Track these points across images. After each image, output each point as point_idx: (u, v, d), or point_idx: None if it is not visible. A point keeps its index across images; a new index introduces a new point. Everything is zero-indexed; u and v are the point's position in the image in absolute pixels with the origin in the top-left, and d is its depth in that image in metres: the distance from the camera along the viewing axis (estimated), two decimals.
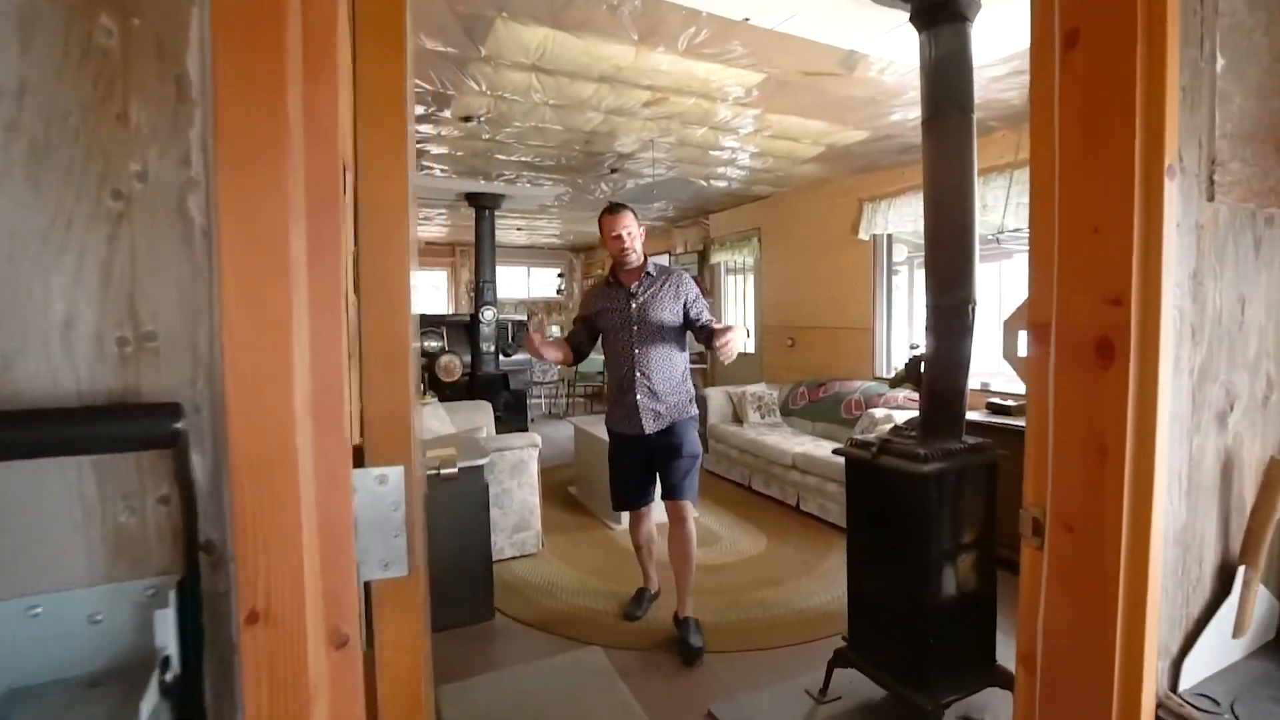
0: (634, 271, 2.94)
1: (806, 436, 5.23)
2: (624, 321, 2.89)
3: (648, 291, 2.90)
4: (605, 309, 2.96)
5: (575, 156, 4.89)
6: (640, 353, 2.87)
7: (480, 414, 5.39)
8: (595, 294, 3.09)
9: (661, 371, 2.90)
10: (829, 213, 5.79)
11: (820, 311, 6.00)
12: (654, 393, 2.89)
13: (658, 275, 2.95)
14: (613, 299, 2.96)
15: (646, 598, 3.32)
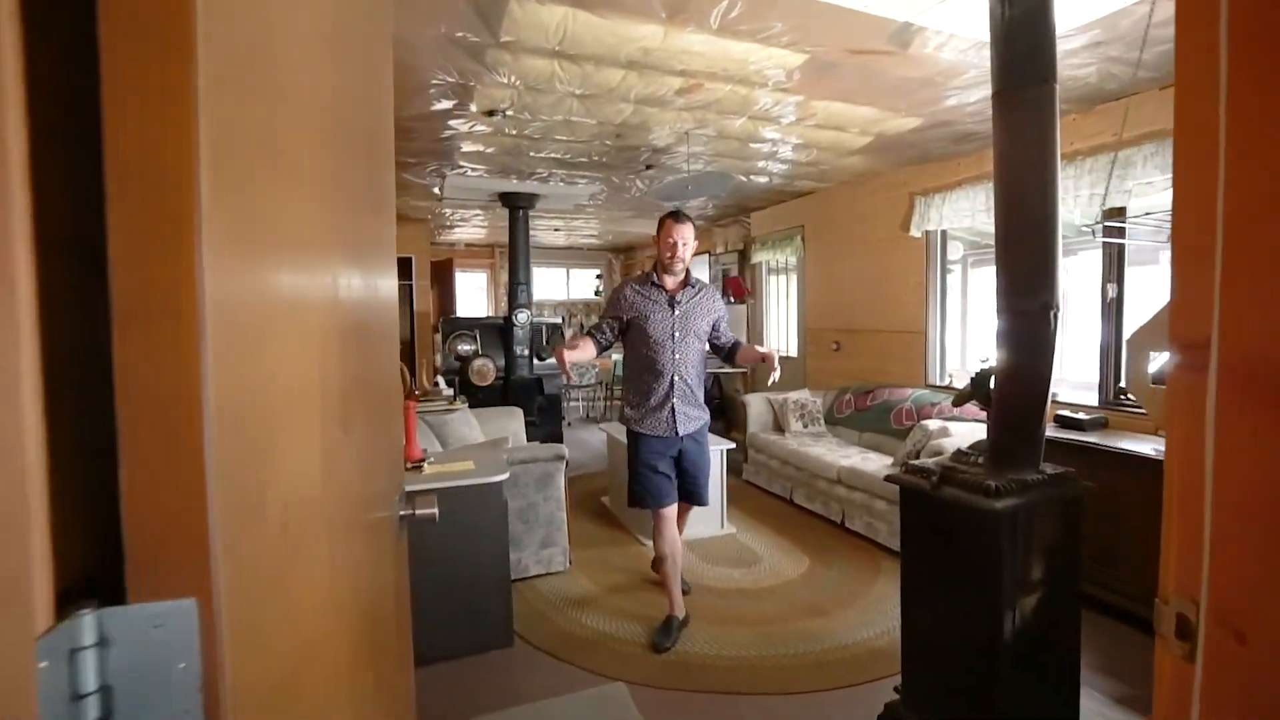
0: (678, 279, 3.06)
1: (853, 448, 4.90)
2: (667, 328, 2.98)
3: (690, 301, 3.04)
4: (647, 312, 2.99)
5: (608, 152, 4.65)
6: (680, 358, 3.00)
7: (511, 420, 5.21)
8: (630, 293, 3.06)
9: (695, 378, 3.07)
10: (877, 208, 5.43)
11: (868, 313, 5.64)
12: (686, 399, 3.03)
13: (698, 288, 3.10)
14: (654, 301, 3.01)
15: (675, 626, 3.06)
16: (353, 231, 0.98)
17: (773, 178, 5.58)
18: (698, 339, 3.05)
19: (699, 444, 3.14)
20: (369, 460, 1.02)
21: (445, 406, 5.21)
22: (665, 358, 2.97)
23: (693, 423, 3.07)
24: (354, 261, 0.97)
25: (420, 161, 5.02)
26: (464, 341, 6.59)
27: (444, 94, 3.46)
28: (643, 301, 3.01)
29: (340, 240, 0.91)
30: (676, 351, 2.98)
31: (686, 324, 3.01)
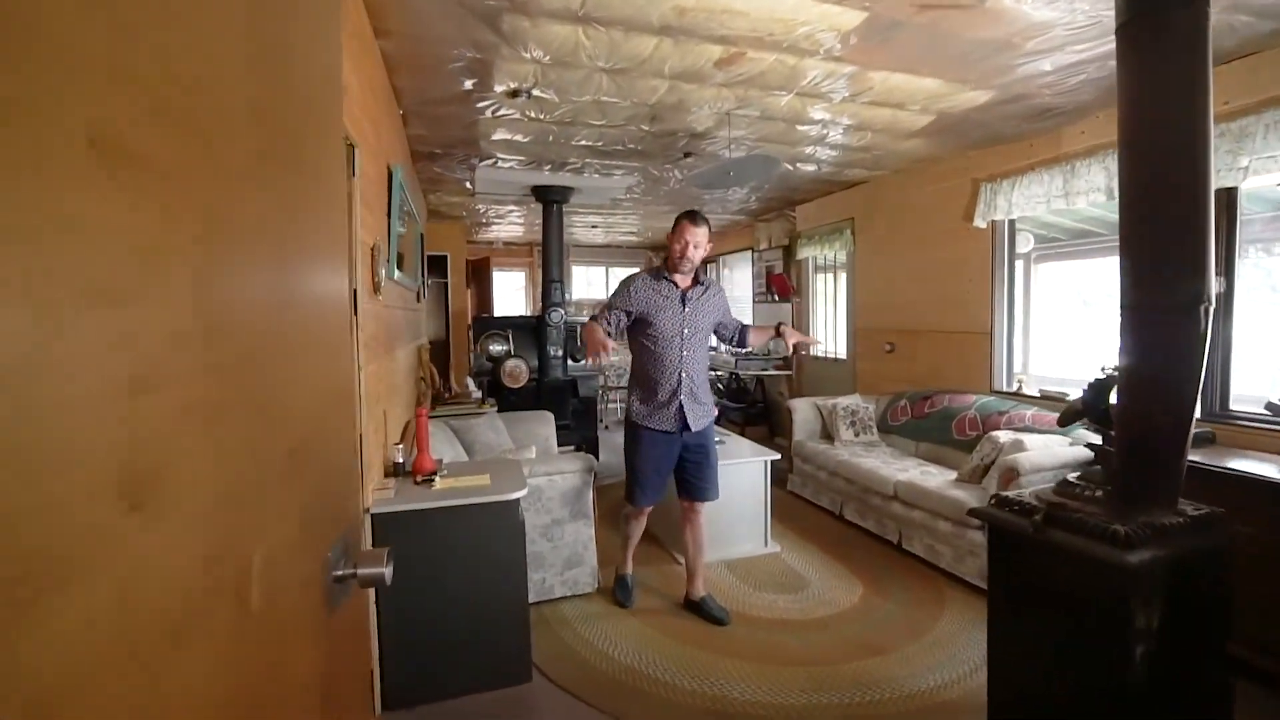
0: (687, 279, 3.10)
1: (910, 460, 4.46)
2: (676, 325, 3.03)
3: (699, 300, 3.10)
4: (657, 308, 3.03)
5: (643, 138, 4.32)
6: (688, 355, 3.06)
7: (541, 425, 4.93)
8: (641, 286, 3.08)
9: (701, 375, 3.14)
10: (937, 197, 4.98)
11: (925, 313, 5.19)
12: (695, 394, 3.09)
13: (707, 286, 3.17)
14: (666, 297, 3.05)
15: (632, 583, 3.46)
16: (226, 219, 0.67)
17: (821, 166, 5.17)
18: (705, 336, 3.15)
19: (704, 440, 3.17)
20: (249, 520, 0.71)
21: (473, 410, 4.96)
22: (674, 354, 3.03)
23: (700, 419, 3.11)
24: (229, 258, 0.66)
25: (448, 152, 4.77)
26: (496, 342, 6.34)
27: (462, 72, 3.18)
28: (654, 297, 3.04)
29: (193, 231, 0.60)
30: (685, 349, 3.04)
31: (695, 321, 3.07)
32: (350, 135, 2.26)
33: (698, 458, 3.16)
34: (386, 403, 3.07)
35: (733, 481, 3.99)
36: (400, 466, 2.87)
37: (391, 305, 3.40)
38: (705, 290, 3.14)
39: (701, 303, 3.10)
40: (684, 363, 3.04)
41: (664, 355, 3.03)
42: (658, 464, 3.13)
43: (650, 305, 3.02)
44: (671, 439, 3.09)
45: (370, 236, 2.62)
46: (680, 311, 3.04)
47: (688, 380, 3.05)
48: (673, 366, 3.03)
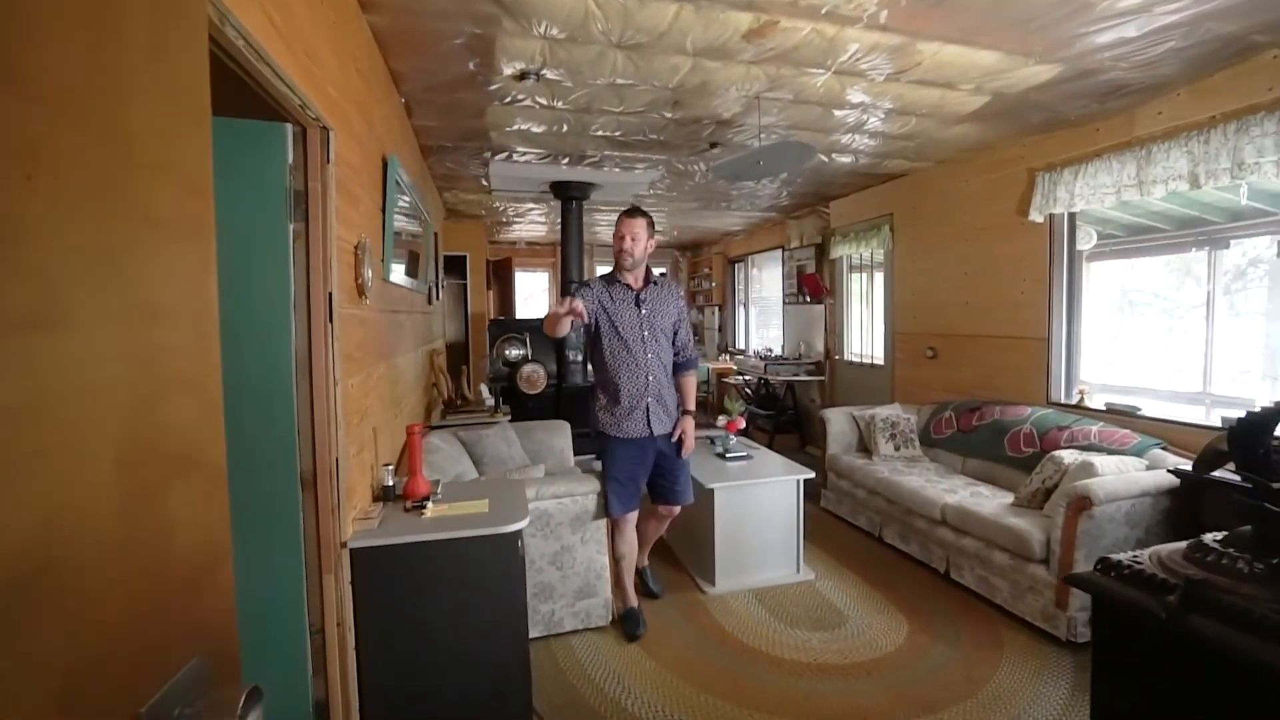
0: (638, 276, 3.06)
1: (957, 479, 4.06)
2: (633, 326, 2.99)
3: (655, 300, 3.06)
4: (615, 312, 2.99)
5: (665, 127, 3.99)
6: (652, 357, 3.01)
7: (555, 436, 4.63)
8: (597, 288, 3.06)
9: (666, 377, 3.09)
10: (987, 189, 4.56)
11: (972, 316, 4.77)
12: (659, 398, 3.05)
13: (661, 285, 3.12)
14: (622, 300, 3.01)
15: (641, 616, 3.19)
16: None
17: (858, 156, 4.78)
18: (666, 338, 3.09)
19: (675, 445, 3.12)
20: None
21: (485, 419, 4.68)
22: (638, 357, 2.99)
23: (664, 423, 3.07)
24: None
25: (459, 145, 4.50)
26: (513, 346, 6.07)
27: (463, 52, 2.88)
28: (606, 298, 3.01)
29: None
30: (648, 350, 3.01)
31: (654, 322, 3.03)
32: (323, 117, 1.98)
33: (670, 464, 3.12)
34: (379, 417, 2.79)
35: (761, 503, 3.64)
36: (390, 490, 2.58)
37: (389, 309, 3.12)
38: (659, 289, 3.11)
39: (658, 303, 3.07)
40: (650, 365, 3.01)
41: (628, 359, 3.00)
42: (631, 471, 3.07)
43: (606, 308, 2.99)
44: (643, 444, 3.05)
45: (353, 233, 2.33)
46: (638, 314, 3.01)
47: (654, 383, 3.02)
48: (638, 369, 3.00)
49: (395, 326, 3.34)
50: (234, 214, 1.91)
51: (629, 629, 3.11)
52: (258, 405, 1.98)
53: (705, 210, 7.32)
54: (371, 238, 2.65)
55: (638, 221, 3.01)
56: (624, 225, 3.02)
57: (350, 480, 2.24)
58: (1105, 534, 2.81)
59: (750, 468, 3.86)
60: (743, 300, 9.73)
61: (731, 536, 3.59)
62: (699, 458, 4.05)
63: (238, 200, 1.91)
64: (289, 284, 2.01)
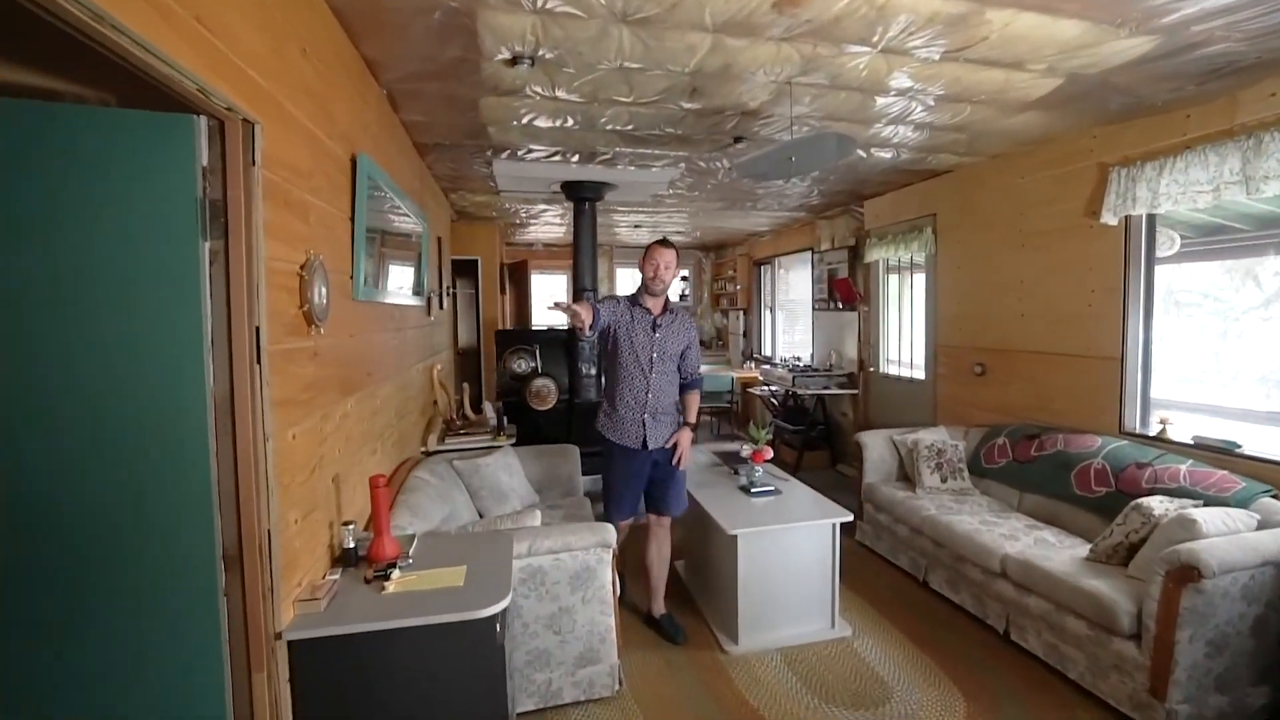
0: (659, 303, 3.22)
1: (1014, 518, 3.56)
2: (645, 348, 3.17)
3: (669, 327, 3.22)
4: (631, 330, 3.18)
5: (683, 119, 3.55)
6: (655, 378, 3.19)
7: (564, 462, 4.23)
8: (620, 305, 3.21)
9: (667, 397, 3.25)
10: (1049, 188, 4.04)
11: (1028, 329, 4.25)
12: (657, 415, 3.21)
13: (677, 314, 3.29)
14: (639, 321, 3.19)
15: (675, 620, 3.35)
16: None
17: (899, 151, 4.29)
18: (673, 361, 3.26)
19: (669, 458, 3.26)
20: None
21: (485, 444, 4.28)
22: (641, 378, 3.19)
23: (658, 438, 3.23)
24: None
25: (458, 143, 4.10)
26: (521, 358, 5.66)
27: (443, 32, 2.46)
28: (628, 319, 3.18)
29: None
30: (653, 372, 3.19)
31: (664, 348, 3.21)
32: (240, 108, 1.57)
33: (664, 474, 3.28)
34: (346, 462, 2.39)
35: (792, 550, 3.20)
36: (352, 554, 2.18)
37: (365, 331, 2.72)
38: (675, 318, 3.27)
39: (671, 329, 3.23)
40: (651, 386, 3.19)
41: (634, 376, 3.19)
42: (628, 479, 3.25)
43: (624, 327, 3.17)
44: (637, 455, 3.22)
45: (297, 250, 1.93)
46: (651, 336, 3.18)
47: (653, 401, 3.20)
48: (641, 387, 3.19)
49: (376, 349, 2.94)
50: (125, 227, 1.51)
51: (671, 633, 3.28)
52: (162, 466, 1.58)
53: (729, 210, 6.86)
54: (332, 253, 2.24)
55: (671, 252, 3.16)
56: (659, 255, 3.14)
57: (291, 552, 1.84)
58: (1216, 611, 2.30)
59: (779, 507, 3.40)
60: (769, 304, 9.23)
61: (757, 587, 3.14)
62: (721, 492, 3.62)
63: (130, 210, 1.51)
64: (202, 317, 1.60)
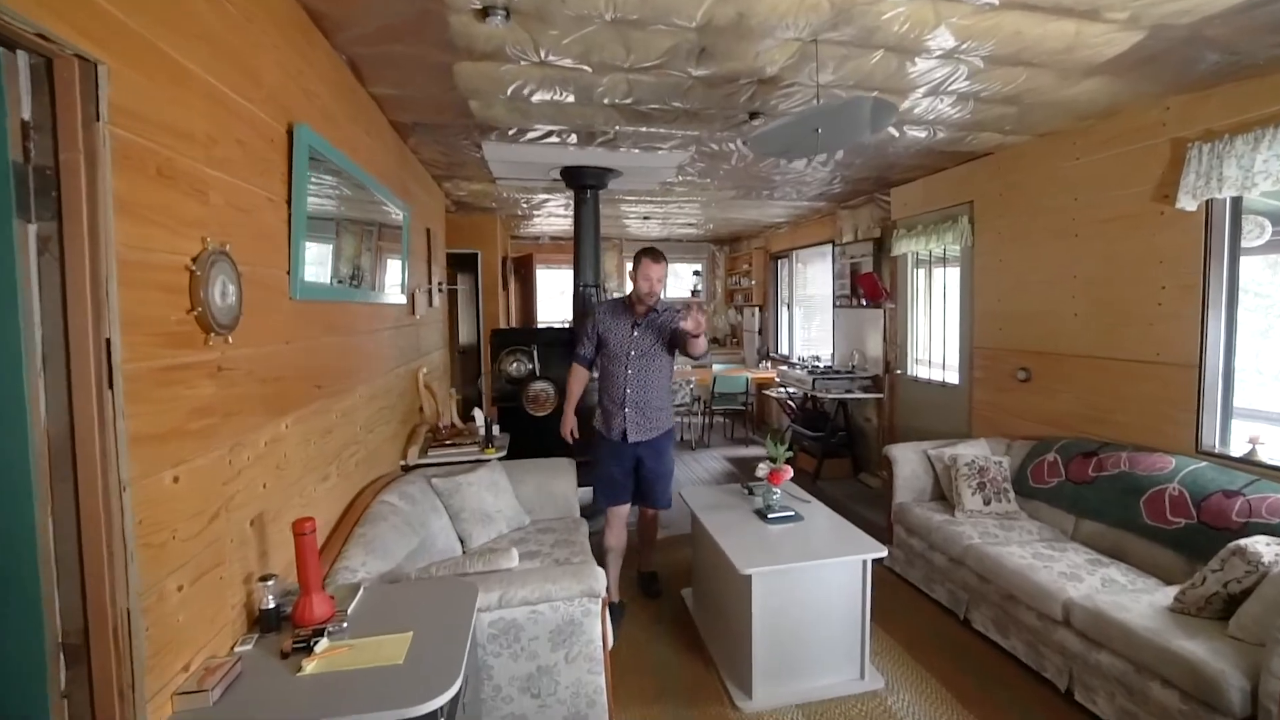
0: (645, 308, 3.39)
1: (1072, 549, 3.08)
2: (623, 346, 3.39)
3: (647, 325, 3.39)
4: (610, 332, 3.42)
5: (691, 89, 3.09)
6: (633, 374, 3.38)
7: (557, 478, 3.81)
8: (603, 313, 3.49)
9: (648, 392, 3.40)
10: (1111, 169, 3.54)
11: (1082, 330, 3.76)
12: (640, 410, 3.39)
13: (661, 312, 3.41)
14: (619, 321, 3.43)
15: (619, 612, 3.44)
16: None
17: (936, 130, 3.80)
18: (653, 358, 3.39)
19: (656, 453, 3.46)
20: None
21: (473, 456, 3.86)
22: (621, 374, 3.38)
23: (644, 433, 3.41)
24: None
25: (439, 122, 3.67)
26: (517, 360, 5.23)
27: None
28: (610, 321, 3.44)
29: None
30: (630, 368, 3.36)
31: (642, 345, 3.37)
32: (69, 42, 1.14)
33: (649, 472, 3.47)
34: (275, 498, 1.97)
35: (816, 589, 2.74)
36: (272, 616, 1.76)
37: (309, 337, 2.30)
38: (657, 316, 3.40)
39: (648, 328, 3.38)
40: (629, 380, 3.38)
41: (615, 373, 3.42)
42: (610, 469, 3.46)
43: (607, 329, 3.44)
44: (621, 446, 3.43)
45: (189, 239, 1.50)
46: (629, 335, 3.38)
47: (634, 395, 3.38)
48: (620, 383, 3.40)
49: (331, 356, 2.52)
50: None
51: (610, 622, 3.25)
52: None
53: (744, 200, 6.38)
54: (251, 243, 1.82)
55: (662, 265, 3.38)
56: (653, 269, 3.32)
57: (170, 630, 1.42)
58: None
59: (800, 537, 2.95)
60: (786, 300, 8.74)
61: (775, 633, 2.70)
62: (733, 517, 3.17)
63: None
64: (23, 326, 1.19)
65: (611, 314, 3.46)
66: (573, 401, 3.62)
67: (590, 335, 3.49)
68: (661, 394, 3.44)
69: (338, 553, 2.32)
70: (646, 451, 3.43)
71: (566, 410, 3.64)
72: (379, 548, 2.40)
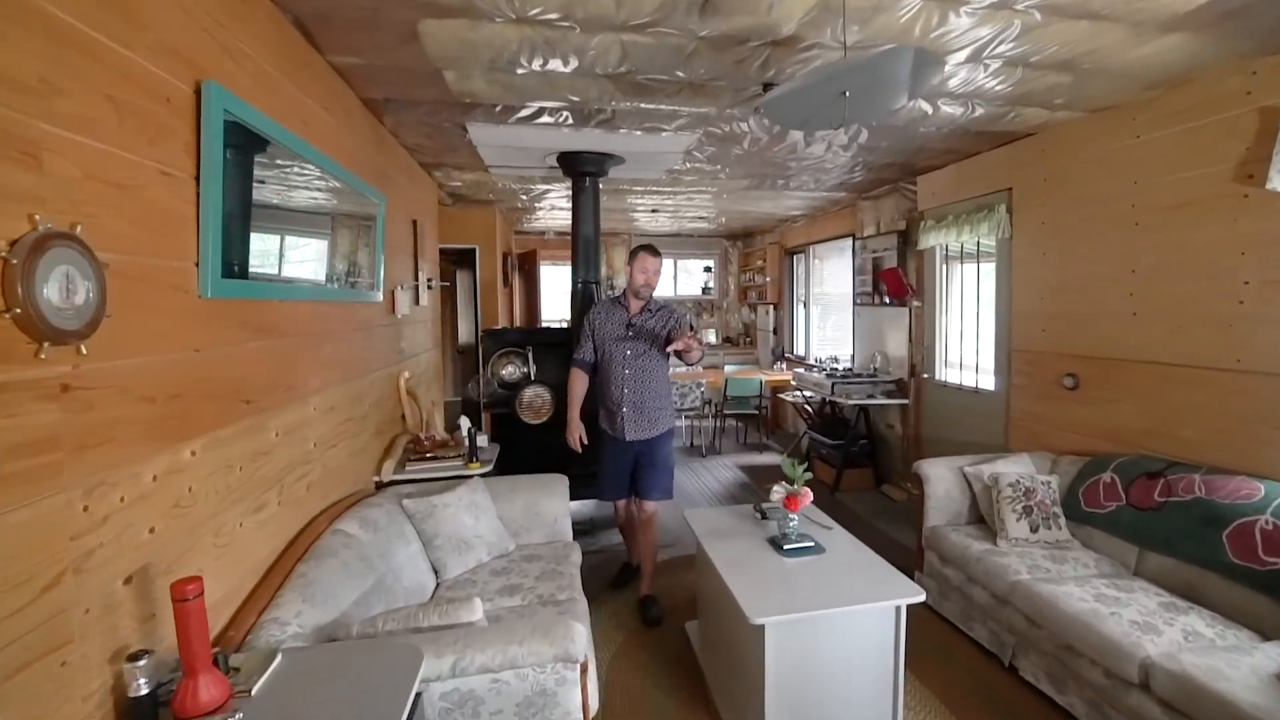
0: (640, 304, 3.46)
1: (1141, 590, 2.63)
2: (619, 344, 3.41)
3: (643, 324, 3.41)
4: (606, 332, 3.45)
5: (695, 54, 2.68)
6: (630, 374, 3.38)
7: (547, 497, 3.42)
8: (598, 314, 3.53)
9: (645, 390, 3.40)
10: (1180, 147, 3.08)
11: (1143, 332, 3.30)
12: (638, 409, 3.39)
13: (655, 311, 3.46)
14: (614, 319, 3.46)
15: (629, 571, 3.81)
16: None
17: (974, 105, 3.37)
18: (649, 358, 3.39)
19: (652, 449, 3.45)
20: None
21: (455, 471, 3.48)
22: (617, 373, 3.41)
23: (641, 430, 3.41)
24: None
25: (416, 98, 3.29)
26: (511, 363, 4.85)
27: None
28: (605, 321, 3.48)
29: None
30: (627, 368, 3.39)
31: (638, 345, 3.39)
32: None
33: (646, 462, 3.45)
34: (172, 546, 1.59)
35: (841, 639, 2.32)
36: (147, 704, 1.37)
37: (232, 343, 1.92)
38: (652, 315, 3.43)
39: (644, 327, 3.39)
40: (625, 380, 3.38)
41: (611, 373, 3.42)
42: (612, 465, 3.50)
43: (603, 330, 3.45)
44: (621, 444, 3.44)
45: (15, 219, 1.12)
46: (625, 335, 3.39)
47: (630, 394, 3.37)
48: (617, 381, 3.40)
49: (266, 363, 2.14)
50: None
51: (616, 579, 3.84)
52: None
53: (758, 190, 5.95)
54: (129, 226, 1.44)
55: (658, 260, 3.43)
56: (649, 263, 3.40)
57: None
58: None
59: (822, 574, 2.53)
60: (802, 298, 8.28)
61: (791, 689, 2.28)
62: (743, 548, 2.76)
63: None
64: None
65: (606, 313, 3.48)
66: (575, 406, 3.54)
67: (588, 336, 3.50)
68: (659, 394, 3.42)
69: (269, 600, 1.94)
70: (644, 450, 3.44)
71: (571, 416, 3.55)
72: (320, 592, 2.02)
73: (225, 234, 1.79)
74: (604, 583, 3.82)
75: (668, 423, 3.49)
